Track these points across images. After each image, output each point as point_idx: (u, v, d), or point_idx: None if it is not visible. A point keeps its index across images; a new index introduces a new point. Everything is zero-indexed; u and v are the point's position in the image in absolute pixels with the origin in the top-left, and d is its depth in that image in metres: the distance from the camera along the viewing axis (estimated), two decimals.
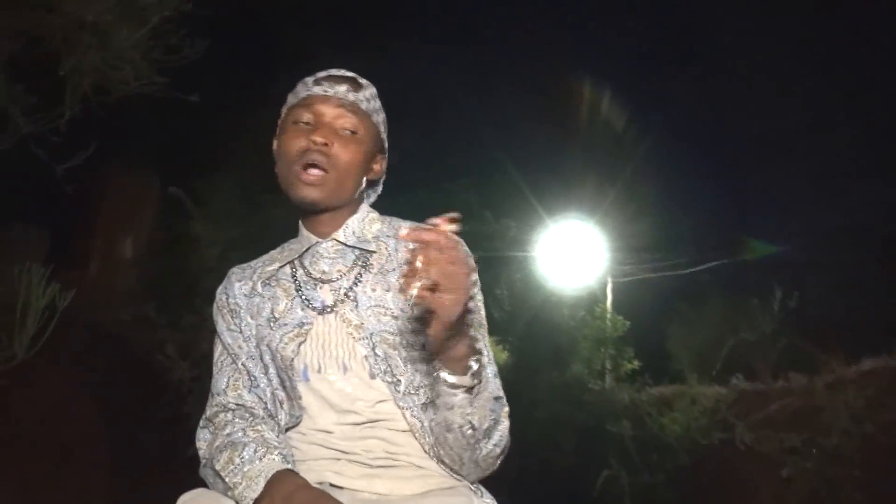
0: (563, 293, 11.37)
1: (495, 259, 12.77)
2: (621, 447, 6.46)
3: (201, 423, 1.21)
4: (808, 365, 6.19)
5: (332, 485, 1.10)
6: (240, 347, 1.24)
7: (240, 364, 1.22)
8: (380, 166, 1.29)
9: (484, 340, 1.19)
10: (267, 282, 1.24)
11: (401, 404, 1.14)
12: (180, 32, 3.61)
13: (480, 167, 13.04)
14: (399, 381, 1.14)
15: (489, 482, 1.20)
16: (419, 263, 0.89)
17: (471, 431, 1.08)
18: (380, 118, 1.26)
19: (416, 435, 1.14)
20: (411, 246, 1.18)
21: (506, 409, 1.15)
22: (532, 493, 6.79)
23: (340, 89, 1.21)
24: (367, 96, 1.24)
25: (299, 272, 1.23)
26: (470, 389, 1.05)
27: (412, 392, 1.15)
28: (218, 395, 1.21)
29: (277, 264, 1.26)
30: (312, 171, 1.16)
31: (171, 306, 4.95)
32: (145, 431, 4.60)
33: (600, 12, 12.57)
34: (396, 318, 1.16)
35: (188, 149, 6.42)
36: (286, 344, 1.17)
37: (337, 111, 1.19)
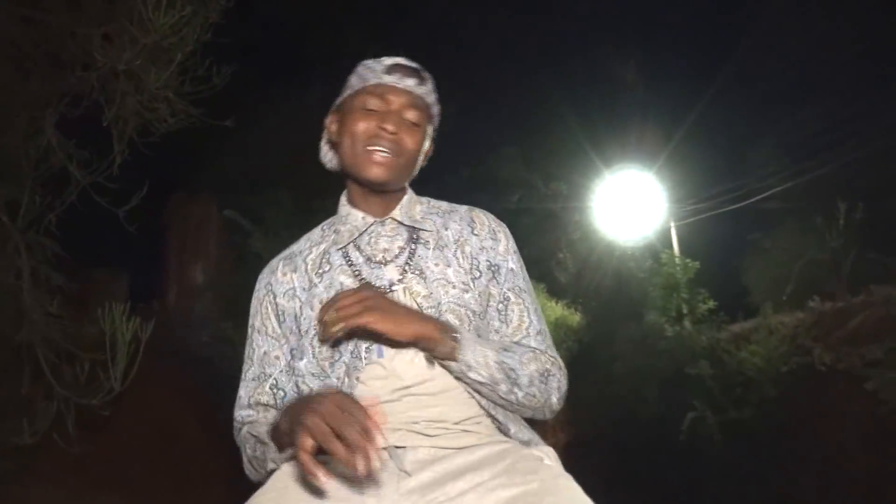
0: (626, 245, 11.23)
1: (551, 223, 12.63)
2: (704, 388, 6.41)
3: (241, 403, 1.31)
4: (884, 275, 5.98)
5: (395, 446, 1.14)
6: (276, 358, 1.29)
7: (268, 386, 1.28)
8: (429, 152, 1.38)
9: (528, 301, 1.28)
10: (319, 270, 1.27)
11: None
12: (206, 62, 3.76)
13: (525, 134, 12.85)
14: None
15: (584, 435, 1.18)
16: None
17: (489, 389, 1.16)
18: (436, 111, 1.36)
19: (479, 402, 1.19)
20: (457, 222, 1.32)
21: (529, 354, 1.20)
22: (621, 444, 6.83)
23: (410, 83, 1.31)
24: (430, 89, 1.34)
25: (353, 254, 1.26)
26: (447, 357, 1.13)
27: None
28: (241, 407, 1.29)
29: (324, 246, 1.30)
30: (384, 153, 1.27)
31: (247, 322, 5.18)
32: None
33: None
34: (459, 289, 1.23)
35: (236, 170, 6.68)
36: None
37: (406, 103, 1.30)
